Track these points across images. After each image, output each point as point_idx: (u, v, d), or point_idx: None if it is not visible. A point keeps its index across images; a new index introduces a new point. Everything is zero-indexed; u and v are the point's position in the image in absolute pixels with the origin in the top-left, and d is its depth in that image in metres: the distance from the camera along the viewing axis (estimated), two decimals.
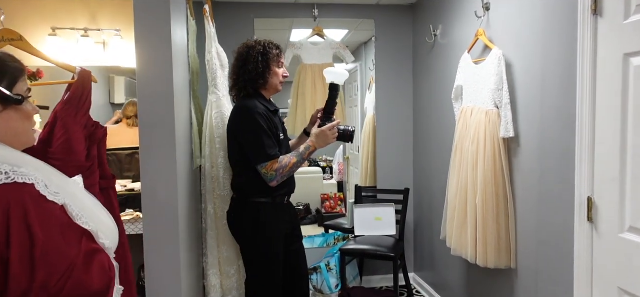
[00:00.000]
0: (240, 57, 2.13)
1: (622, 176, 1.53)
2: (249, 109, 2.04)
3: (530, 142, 2.05)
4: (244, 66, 2.10)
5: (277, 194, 2.14)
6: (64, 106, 1.50)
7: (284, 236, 2.18)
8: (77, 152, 1.47)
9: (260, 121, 2.01)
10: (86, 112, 1.54)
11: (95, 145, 1.58)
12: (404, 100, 3.57)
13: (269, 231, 2.12)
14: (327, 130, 2.11)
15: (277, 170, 2.01)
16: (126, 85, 3.20)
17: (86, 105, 1.54)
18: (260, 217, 2.10)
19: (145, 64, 1.78)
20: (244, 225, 2.14)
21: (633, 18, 1.47)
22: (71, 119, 1.48)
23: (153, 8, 1.76)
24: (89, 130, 1.55)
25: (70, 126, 1.47)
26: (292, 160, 2.05)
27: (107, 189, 1.64)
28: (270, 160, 2.00)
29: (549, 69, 1.90)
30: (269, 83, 2.13)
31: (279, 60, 2.15)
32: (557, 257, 1.89)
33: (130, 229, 2.28)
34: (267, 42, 2.13)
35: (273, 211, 2.14)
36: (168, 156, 1.81)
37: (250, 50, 2.10)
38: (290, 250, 2.24)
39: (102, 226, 1.08)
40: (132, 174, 2.86)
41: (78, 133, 1.49)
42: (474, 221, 2.25)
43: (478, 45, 2.44)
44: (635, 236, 1.50)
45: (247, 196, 2.12)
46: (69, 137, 1.45)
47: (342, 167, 4.25)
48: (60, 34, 2.91)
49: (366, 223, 3.26)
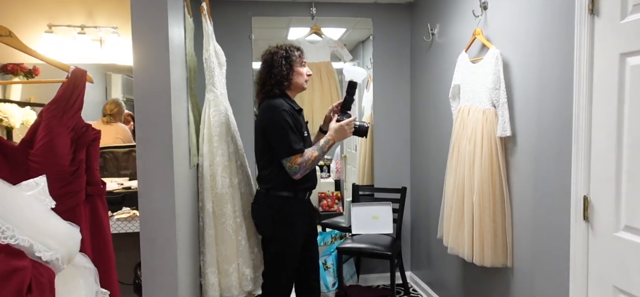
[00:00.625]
0: (265, 64, 2.25)
1: (618, 175, 1.54)
2: (276, 107, 2.16)
3: (527, 141, 2.06)
4: (270, 71, 2.22)
5: (299, 189, 2.24)
6: (50, 106, 1.42)
7: (302, 231, 2.29)
8: (59, 155, 1.38)
9: (286, 118, 2.14)
10: (75, 113, 1.46)
11: (83, 149, 1.49)
12: (401, 99, 3.57)
13: (287, 225, 2.23)
14: (345, 125, 2.24)
15: (300, 163, 2.13)
16: (123, 82, 3.19)
17: (75, 106, 1.46)
18: (282, 210, 2.22)
19: (142, 61, 1.77)
20: (264, 217, 2.26)
21: (629, 18, 1.48)
22: (56, 120, 1.40)
23: (150, 5, 1.76)
24: (77, 133, 1.46)
25: (55, 128, 1.39)
26: (314, 154, 2.18)
27: (93, 196, 1.54)
28: (294, 154, 2.13)
29: (546, 68, 1.90)
30: (293, 83, 2.25)
31: (302, 61, 2.28)
32: (553, 255, 1.89)
33: (127, 227, 2.28)
34: (288, 45, 2.26)
35: (294, 205, 2.25)
36: (165, 153, 1.81)
37: (274, 55, 2.22)
38: (306, 246, 2.35)
39: (45, 237, 1.02)
40: (129, 172, 2.85)
41: (63, 135, 1.40)
42: (470, 220, 2.26)
43: (475, 44, 2.44)
44: (631, 235, 1.50)
45: (270, 190, 2.23)
46: (51, 139, 1.38)
47: (339, 165, 4.26)
48: (56, 31, 2.89)
49: (363, 222, 3.26)
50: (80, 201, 1.45)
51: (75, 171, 1.44)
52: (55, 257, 1.04)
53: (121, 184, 2.68)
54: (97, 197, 1.56)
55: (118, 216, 2.26)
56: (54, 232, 1.07)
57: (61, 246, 1.06)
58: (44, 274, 1.01)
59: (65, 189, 1.40)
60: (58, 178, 1.37)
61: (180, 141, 2.00)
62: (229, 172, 2.32)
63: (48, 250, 1.02)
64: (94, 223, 1.53)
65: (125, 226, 2.28)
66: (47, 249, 1.02)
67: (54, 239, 1.05)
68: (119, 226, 2.25)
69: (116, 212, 2.31)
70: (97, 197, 1.56)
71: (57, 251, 1.05)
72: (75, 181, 1.44)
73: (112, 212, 2.31)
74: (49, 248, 1.02)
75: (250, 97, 3.36)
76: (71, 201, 1.43)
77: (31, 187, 1.16)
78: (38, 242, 1.00)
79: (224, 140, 2.33)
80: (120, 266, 2.43)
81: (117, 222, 2.25)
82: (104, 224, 1.58)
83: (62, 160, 1.40)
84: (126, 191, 2.59)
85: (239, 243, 2.34)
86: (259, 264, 2.51)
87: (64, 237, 1.09)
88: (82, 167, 1.48)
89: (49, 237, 1.04)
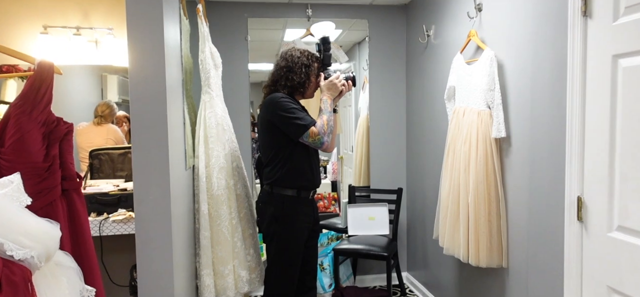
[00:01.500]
0: (285, 63, 2.27)
1: (611, 175, 1.55)
2: (278, 97, 2.20)
3: (522, 143, 2.07)
4: (289, 73, 2.24)
5: (302, 187, 2.25)
6: (17, 102, 1.38)
7: (306, 229, 2.30)
8: (31, 152, 1.35)
9: (291, 102, 2.19)
10: (44, 108, 1.41)
11: (56, 144, 1.45)
12: (397, 100, 3.58)
13: (290, 223, 2.23)
14: (333, 79, 2.27)
15: (319, 132, 2.16)
16: (119, 83, 3.18)
17: (44, 100, 1.41)
18: (285, 208, 2.22)
19: (137, 63, 1.77)
20: (268, 215, 2.26)
21: (622, 20, 1.49)
22: (25, 116, 1.36)
23: (146, 7, 1.76)
24: (48, 128, 1.42)
25: (24, 124, 1.35)
26: (324, 118, 2.21)
27: (70, 191, 1.51)
28: (308, 127, 2.15)
29: (540, 69, 1.92)
30: (306, 91, 2.32)
31: (317, 72, 2.32)
32: (548, 256, 1.91)
33: (123, 229, 2.27)
34: (309, 54, 2.30)
35: (297, 203, 2.25)
36: (160, 155, 1.81)
37: (297, 60, 2.25)
38: (308, 245, 2.36)
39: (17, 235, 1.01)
40: (125, 174, 2.84)
41: (33, 131, 1.36)
42: (466, 221, 2.27)
43: (470, 45, 2.46)
44: (624, 235, 1.52)
45: (274, 187, 2.24)
46: (22, 136, 1.34)
47: (336, 166, 4.26)
48: (51, 32, 2.89)
49: (359, 223, 3.27)
50: (56, 196, 1.43)
51: (49, 166, 1.41)
52: (30, 256, 1.03)
53: (117, 186, 2.67)
54: (74, 192, 1.53)
55: (114, 218, 2.25)
56: (28, 230, 1.06)
57: (36, 243, 1.04)
58: (17, 273, 1.00)
59: (40, 186, 1.37)
60: (32, 175, 1.35)
61: (176, 143, 2.00)
62: (225, 174, 2.32)
63: (21, 248, 1.01)
64: (72, 218, 1.51)
65: (121, 228, 2.28)
66: (19, 248, 1.01)
67: (28, 237, 1.03)
68: (115, 228, 2.25)
69: (112, 214, 2.31)
70: (74, 192, 1.53)
71: (32, 248, 1.04)
72: (50, 177, 1.41)
73: (107, 214, 2.31)
74: (22, 246, 1.01)
75: (246, 98, 3.36)
76: (47, 197, 1.40)
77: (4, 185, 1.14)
78: (9, 241, 0.99)
79: (220, 142, 2.33)
80: (116, 268, 2.43)
81: (112, 224, 2.24)
82: (82, 218, 1.56)
83: (35, 157, 1.36)
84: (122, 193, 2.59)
85: (234, 245, 2.34)
86: (255, 266, 2.51)
87: (40, 234, 1.08)
88: (57, 162, 1.45)
89: (22, 235, 1.03)
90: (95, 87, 3.12)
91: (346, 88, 2.31)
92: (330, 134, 2.20)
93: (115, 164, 2.86)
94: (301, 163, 2.24)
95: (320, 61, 2.33)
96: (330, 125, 2.21)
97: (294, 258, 2.26)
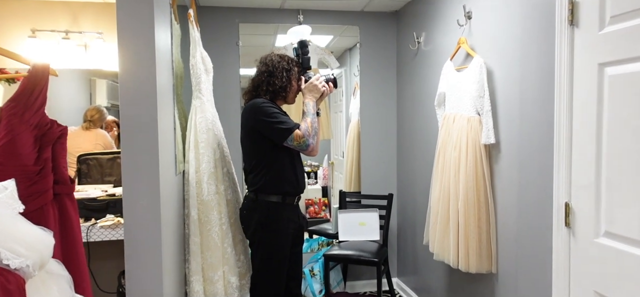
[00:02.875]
0: (265, 68, 2.26)
1: (597, 181, 1.58)
2: (260, 103, 2.19)
3: (511, 149, 2.10)
4: (269, 78, 2.23)
5: (287, 193, 2.24)
6: (9, 104, 1.36)
7: (291, 235, 2.28)
8: (21, 155, 1.33)
9: (273, 107, 2.18)
10: (38, 110, 1.39)
11: (48, 147, 1.43)
12: (388, 106, 3.60)
13: (276, 229, 2.22)
14: (314, 81, 2.27)
15: (304, 135, 2.15)
16: (108, 88, 3.16)
17: (38, 102, 1.39)
18: (270, 215, 2.21)
19: (127, 67, 1.75)
20: (253, 222, 2.25)
21: (607, 29, 1.52)
22: (17, 118, 1.33)
23: (136, 11, 1.75)
24: (41, 130, 1.40)
25: (16, 127, 1.33)
26: (307, 120, 2.20)
27: (61, 195, 1.48)
28: (292, 131, 2.13)
29: (528, 77, 1.95)
30: (288, 96, 2.30)
31: (298, 76, 2.31)
32: (536, 261, 1.93)
33: (111, 234, 2.24)
34: (290, 58, 2.30)
35: (282, 210, 2.24)
36: (150, 160, 1.79)
37: (277, 64, 2.24)
38: (293, 251, 2.34)
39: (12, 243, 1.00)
40: (113, 179, 2.81)
41: (25, 134, 1.34)
42: (456, 226, 2.28)
43: (460, 53, 2.48)
44: (610, 241, 1.54)
45: (258, 194, 2.23)
46: (13, 138, 1.32)
47: (326, 172, 4.26)
48: (40, 36, 2.86)
49: (350, 228, 3.27)
50: (47, 200, 1.40)
51: (40, 170, 1.39)
52: (25, 264, 1.01)
53: (105, 191, 2.64)
54: (66, 197, 1.51)
55: (102, 224, 2.22)
56: (23, 237, 1.04)
57: (31, 251, 1.03)
58: (12, 281, 0.98)
59: (31, 190, 1.35)
60: (23, 178, 1.32)
61: (166, 148, 1.99)
62: (215, 179, 2.30)
63: (16, 257, 1.00)
64: (63, 223, 1.49)
65: (109, 234, 2.25)
66: (15, 256, 1.00)
67: (23, 245, 1.02)
68: (103, 234, 2.22)
69: (100, 220, 2.27)
70: (66, 197, 1.51)
71: (27, 257, 1.02)
72: (41, 181, 1.39)
73: (95, 220, 2.28)
74: (17, 255, 1.00)
75: (238, 103, 3.35)
76: (38, 201, 1.38)
77: None
78: (5, 250, 0.97)
79: (210, 147, 2.32)
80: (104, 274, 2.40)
81: (100, 230, 2.21)
82: (73, 224, 1.53)
83: (25, 160, 1.34)
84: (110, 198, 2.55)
85: (224, 251, 2.32)
86: (245, 272, 2.49)
87: (34, 242, 1.06)
88: (48, 165, 1.42)
89: (16, 243, 1.01)
90: (84, 92, 3.09)
91: (328, 90, 2.31)
92: (314, 136, 2.19)
93: (104, 169, 2.83)
94: (285, 169, 2.23)
95: (300, 65, 2.33)
96: (315, 127, 2.20)
97: (281, 264, 2.25)
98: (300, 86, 2.30)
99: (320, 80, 2.29)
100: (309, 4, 3.30)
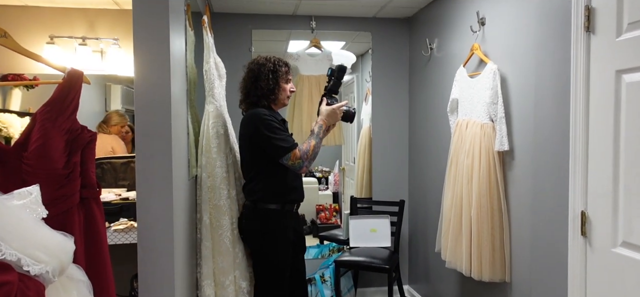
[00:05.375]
0: (251, 74, 2.24)
1: (615, 190, 1.54)
2: (260, 113, 2.16)
3: (525, 156, 2.07)
4: (256, 82, 2.21)
5: (286, 201, 2.24)
6: (44, 108, 1.39)
7: (291, 244, 2.27)
8: (52, 159, 1.35)
9: (273, 121, 2.15)
10: (70, 115, 1.43)
11: (78, 151, 1.45)
12: (400, 112, 3.59)
13: (276, 237, 2.22)
14: (336, 108, 2.23)
15: (302, 157, 2.11)
16: (122, 93, 3.20)
17: (71, 108, 1.42)
18: (269, 223, 2.21)
19: (143, 73, 1.78)
20: (253, 231, 2.25)
21: (625, 36, 1.50)
22: (50, 122, 1.37)
23: (152, 18, 1.77)
24: (72, 135, 1.43)
25: (49, 130, 1.36)
26: (312, 142, 2.15)
27: (89, 199, 1.50)
28: (290, 150, 2.11)
29: (543, 84, 1.92)
30: (278, 98, 2.26)
31: (287, 77, 2.28)
32: (551, 271, 1.89)
33: (124, 238, 2.27)
34: (277, 59, 2.25)
35: (282, 217, 2.23)
36: (164, 165, 1.81)
37: (262, 67, 2.21)
38: (294, 259, 2.33)
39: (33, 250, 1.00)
40: (127, 183, 2.85)
41: (56, 138, 1.37)
42: (468, 234, 2.26)
43: (473, 59, 2.47)
44: (628, 251, 1.51)
45: (257, 202, 2.22)
46: (45, 142, 1.34)
47: (337, 177, 4.26)
48: (58, 43, 2.91)
49: (361, 235, 3.25)
50: (73, 204, 1.42)
51: (69, 173, 1.41)
52: (45, 271, 1.02)
53: (119, 195, 2.68)
54: (93, 201, 1.52)
55: (115, 227, 2.25)
56: (44, 243, 1.05)
57: (51, 258, 1.04)
58: (32, 288, 0.99)
59: (59, 193, 1.37)
60: (51, 181, 1.35)
61: (180, 152, 2.01)
62: (227, 184, 2.32)
63: (37, 263, 1.01)
64: (89, 228, 1.50)
65: (122, 237, 2.27)
66: (35, 263, 1.00)
67: (44, 251, 1.03)
68: (116, 237, 2.24)
69: (113, 223, 2.30)
70: (93, 201, 1.52)
71: (47, 263, 1.04)
72: (69, 184, 1.41)
73: (109, 223, 2.30)
74: (38, 261, 1.01)
75: None
76: (64, 205, 1.40)
77: (23, 196, 1.14)
78: (26, 256, 0.98)
79: (223, 152, 2.33)
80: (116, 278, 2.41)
81: (114, 233, 2.24)
82: (100, 229, 1.54)
83: (56, 163, 1.36)
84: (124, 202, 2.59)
85: (235, 256, 2.33)
86: None
87: (55, 249, 1.07)
88: (77, 170, 1.45)
89: (37, 250, 1.02)
90: (99, 97, 3.14)
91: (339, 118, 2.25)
92: (312, 160, 2.15)
93: (118, 173, 2.86)
94: (284, 178, 2.22)
95: (328, 88, 2.28)
96: (316, 152, 2.15)
97: (283, 272, 2.24)
98: (290, 90, 2.27)
99: (341, 110, 2.23)
100: (321, 11, 3.31)
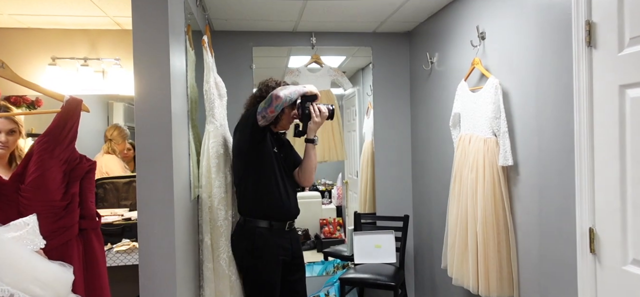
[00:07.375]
0: (260, 92, 2.29)
1: (623, 206, 1.52)
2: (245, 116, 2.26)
3: (530, 171, 2.05)
4: (259, 100, 2.22)
5: (274, 219, 2.20)
6: (42, 139, 1.37)
7: (280, 263, 2.23)
8: (50, 190, 1.33)
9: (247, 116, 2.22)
10: (68, 145, 1.41)
11: (77, 182, 1.43)
12: (402, 126, 3.57)
13: (263, 255, 2.19)
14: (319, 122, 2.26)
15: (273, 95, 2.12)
16: (125, 110, 3.21)
17: (69, 137, 1.40)
18: (256, 241, 2.18)
19: (143, 93, 1.78)
20: (241, 249, 2.24)
21: (627, 50, 1.48)
22: (48, 153, 1.34)
23: (152, 38, 1.78)
24: (70, 165, 1.40)
25: (46, 161, 1.33)
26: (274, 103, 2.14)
27: (87, 230, 1.47)
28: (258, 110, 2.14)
29: (546, 98, 1.91)
30: (280, 123, 2.31)
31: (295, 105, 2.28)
32: (561, 288, 1.85)
33: (126, 259, 2.25)
34: (287, 85, 2.28)
35: (269, 235, 2.20)
36: (165, 186, 1.80)
37: (270, 89, 2.24)
38: (290, 279, 2.29)
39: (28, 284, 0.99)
40: (129, 203, 2.83)
41: (54, 169, 1.35)
42: (474, 250, 2.23)
43: (474, 73, 2.46)
44: (639, 269, 1.47)
45: (247, 219, 2.22)
46: (42, 174, 1.32)
47: (340, 191, 4.23)
48: (60, 63, 2.93)
49: (366, 251, 3.22)
50: (72, 236, 1.40)
51: (67, 205, 1.39)
52: None
53: (121, 215, 2.66)
54: (92, 232, 1.50)
55: (117, 248, 2.23)
56: (39, 276, 1.04)
57: (47, 290, 1.02)
58: None
59: (57, 225, 1.36)
60: (49, 213, 1.33)
61: (181, 173, 2.00)
62: (225, 205, 2.29)
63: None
64: (88, 259, 1.48)
65: (124, 259, 2.25)
66: None
67: (39, 284, 1.02)
68: (118, 259, 2.22)
69: (115, 244, 2.28)
70: (92, 232, 1.50)
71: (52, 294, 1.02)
72: (68, 216, 1.39)
73: (111, 245, 2.29)
74: (32, 295, 0.99)
75: None
76: (63, 237, 1.38)
77: (20, 227, 1.12)
78: (20, 291, 0.97)
79: (222, 172, 2.31)
80: None
81: (116, 255, 2.22)
82: (98, 260, 1.52)
83: (53, 195, 1.34)
84: (126, 222, 2.57)
85: (229, 278, 2.28)
86: None
87: (51, 280, 1.06)
88: (75, 200, 1.43)
89: (33, 284, 1.01)
90: (102, 114, 3.15)
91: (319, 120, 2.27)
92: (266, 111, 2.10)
93: (120, 193, 2.85)
94: (270, 189, 2.20)
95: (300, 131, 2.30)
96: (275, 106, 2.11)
97: (270, 293, 2.21)
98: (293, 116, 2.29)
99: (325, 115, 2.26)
100: (321, 27, 3.32)
